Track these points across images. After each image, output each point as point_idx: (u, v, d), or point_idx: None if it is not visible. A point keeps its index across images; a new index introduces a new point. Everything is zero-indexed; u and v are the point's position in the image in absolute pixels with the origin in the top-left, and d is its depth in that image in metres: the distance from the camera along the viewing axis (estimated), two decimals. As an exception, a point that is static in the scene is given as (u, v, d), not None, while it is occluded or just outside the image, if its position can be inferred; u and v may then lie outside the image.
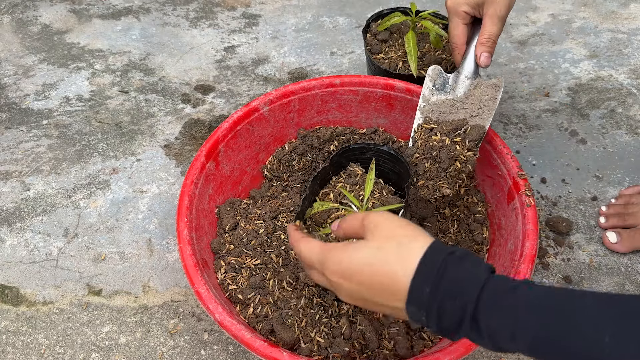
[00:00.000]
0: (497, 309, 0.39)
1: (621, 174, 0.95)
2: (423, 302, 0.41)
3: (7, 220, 0.90)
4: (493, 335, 0.39)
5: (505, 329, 0.38)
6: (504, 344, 0.39)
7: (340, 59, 1.20)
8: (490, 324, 0.38)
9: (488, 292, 0.39)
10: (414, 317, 0.42)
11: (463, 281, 0.40)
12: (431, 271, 0.41)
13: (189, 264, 0.63)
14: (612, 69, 1.15)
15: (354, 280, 0.44)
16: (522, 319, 0.37)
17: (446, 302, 0.40)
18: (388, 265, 0.42)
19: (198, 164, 0.73)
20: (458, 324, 0.40)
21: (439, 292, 0.40)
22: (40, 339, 0.76)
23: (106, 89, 1.14)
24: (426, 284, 0.40)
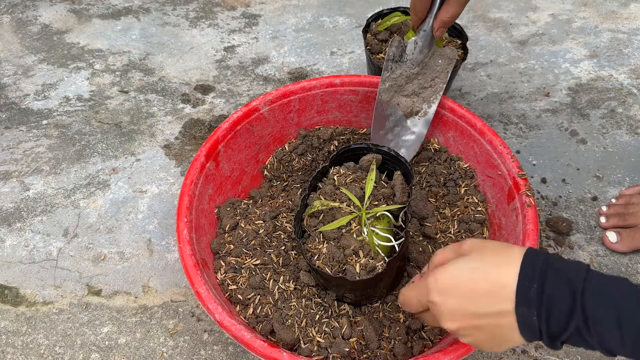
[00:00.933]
0: (603, 295, 0.40)
1: (621, 174, 0.95)
2: (532, 299, 0.41)
3: (6, 220, 0.90)
4: (598, 324, 0.39)
5: (612, 315, 0.39)
6: (609, 336, 0.39)
7: (340, 58, 1.20)
8: (597, 311, 0.39)
9: (592, 280, 0.41)
10: (524, 319, 0.42)
11: (568, 272, 0.41)
12: (535, 268, 0.42)
13: (188, 264, 0.63)
14: (613, 69, 1.15)
15: (455, 294, 0.45)
16: (628, 304, 0.39)
17: (555, 293, 0.40)
18: (490, 270, 0.43)
19: (198, 164, 0.73)
20: (569, 315, 0.40)
21: (547, 285, 0.41)
22: (39, 339, 0.76)
23: (106, 89, 1.14)
24: (533, 279, 0.41)
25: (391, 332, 0.65)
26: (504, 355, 0.73)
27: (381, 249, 0.62)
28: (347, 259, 0.62)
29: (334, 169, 0.71)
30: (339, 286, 0.63)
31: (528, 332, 0.43)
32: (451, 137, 0.82)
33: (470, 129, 0.78)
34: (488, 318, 0.44)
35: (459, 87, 1.12)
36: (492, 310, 0.43)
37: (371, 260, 0.61)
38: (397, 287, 0.70)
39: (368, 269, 0.60)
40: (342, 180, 0.69)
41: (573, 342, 0.42)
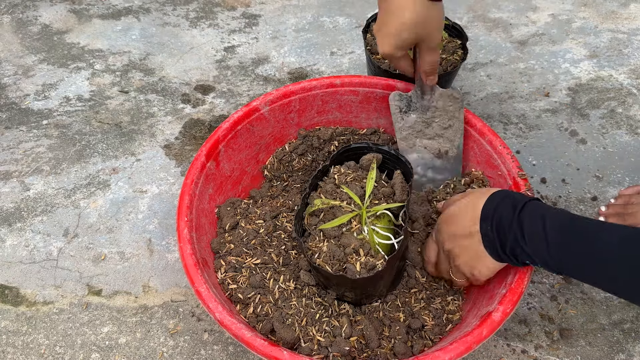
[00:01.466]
0: (536, 213, 0.54)
1: (621, 174, 0.95)
2: (488, 215, 0.57)
3: (7, 220, 0.90)
4: (529, 232, 0.53)
5: (539, 227, 0.52)
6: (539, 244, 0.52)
7: (340, 59, 1.20)
8: (526, 219, 0.53)
9: (532, 203, 0.56)
10: (484, 232, 0.57)
11: (515, 197, 0.57)
12: (496, 198, 0.58)
13: (189, 263, 0.63)
14: (612, 69, 1.15)
15: (451, 221, 0.62)
16: (552, 222, 0.52)
17: (502, 209, 0.56)
18: (473, 204, 0.60)
19: (198, 164, 0.73)
20: (509, 226, 0.54)
21: (499, 206, 0.57)
22: (40, 339, 0.76)
23: (106, 89, 1.14)
24: (492, 204, 0.58)
25: (391, 331, 0.65)
26: (503, 355, 0.73)
27: (381, 248, 0.62)
28: (347, 257, 0.62)
29: (334, 168, 0.71)
30: (339, 285, 0.63)
31: (489, 245, 0.57)
32: (451, 137, 0.82)
33: (471, 129, 0.78)
34: (468, 237, 0.59)
35: (459, 87, 1.12)
36: (470, 230, 0.59)
37: (371, 259, 0.61)
38: (397, 286, 0.70)
39: (368, 267, 0.60)
40: (342, 179, 0.69)
41: (516, 254, 0.55)
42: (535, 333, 0.75)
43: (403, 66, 0.74)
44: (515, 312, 0.78)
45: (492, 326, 0.56)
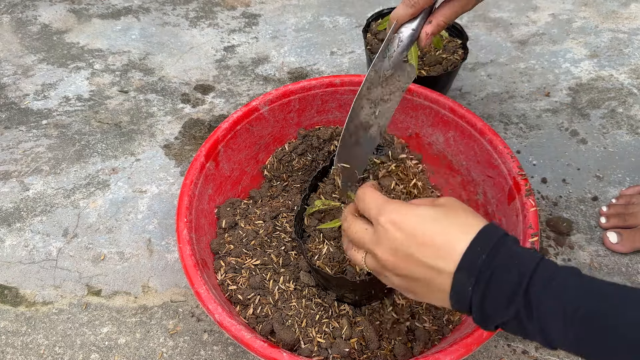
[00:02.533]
0: (551, 284, 0.39)
1: (622, 174, 0.95)
2: (475, 268, 0.40)
3: (6, 221, 0.90)
4: (543, 313, 0.38)
5: (557, 304, 0.38)
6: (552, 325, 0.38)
7: (340, 58, 1.20)
8: (542, 298, 0.38)
9: (542, 268, 0.39)
10: (459, 285, 0.41)
11: (520, 256, 0.40)
12: (490, 241, 0.41)
13: (188, 264, 0.63)
14: (613, 69, 1.15)
15: (406, 231, 0.44)
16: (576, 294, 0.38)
17: (501, 271, 0.40)
18: (449, 229, 0.43)
19: (198, 164, 0.73)
20: (510, 299, 0.39)
21: (495, 261, 0.40)
22: (39, 340, 0.76)
23: (106, 89, 1.14)
24: (484, 250, 0.40)
25: (391, 333, 0.65)
26: (504, 355, 0.73)
27: None
28: (347, 259, 0.62)
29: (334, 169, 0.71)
30: (339, 286, 0.63)
31: (456, 299, 0.42)
32: (451, 137, 0.82)
33: (471, 129, 0.78)
34: (425, 268, 0.43)
35: (459, 87, 1.12)
36: (433, 264, 0.42)
37: None
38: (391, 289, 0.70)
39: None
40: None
41: (509, 328, 0.41)
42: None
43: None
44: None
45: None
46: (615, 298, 0.37)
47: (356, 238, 0.49)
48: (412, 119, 0.86)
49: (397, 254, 0.44)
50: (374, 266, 0.48)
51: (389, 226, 0.45)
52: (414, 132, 0.87)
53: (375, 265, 0.48)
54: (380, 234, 0.46)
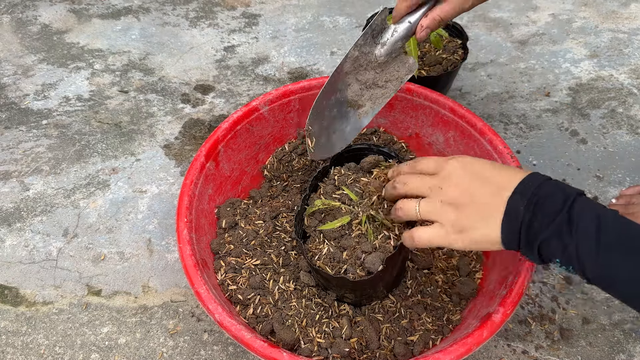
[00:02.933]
0: (590, 208, 0.45)
1: (622, 174, 0.95)
2: (528, 192, 0.47)
3: (6, 221, 0.90)
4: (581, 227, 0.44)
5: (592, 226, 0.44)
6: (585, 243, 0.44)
7: (340, 58, 1.20)
8: (582, 214, 0.45)
9: (584, 198, 0.47)
10: (513, 203, 0.47)
11: (565, 187, 0.48)
12: (539, 179, 0.49)
13: (188, 264, 0.63)
14: (613, 69, 1.15)
15: (474, 169, 0.51)
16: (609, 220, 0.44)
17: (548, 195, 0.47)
18: (510, 170, 0.51)
19: (198, 164, 0.73)
20: (555, 214, 0.45)
21: (542, 190, 0.47)
22: (39, 339, 0.76)
23: (106, 89, 1.14)
24: (534, 183, 0.48)
25: (391, 333, 0.65)
26: (504, 355, 0.73)
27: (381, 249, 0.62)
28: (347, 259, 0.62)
29: (334, 169, 0.71)
30: (339, 286, 0.63)
31: (510, 218, 0.47)
32: (451, 137, 0.82)
33: (471, 129, 0.78)
34: (493, 187, 0.49)
35: (459, 87, 1.12)
36: (500, 183, 0.49)
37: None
38: (398, 287, 0.70)
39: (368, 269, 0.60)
40: (342, 180, 0.69)
41: (550, 249, 0.46)
42: (535, 333, 0.75)
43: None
44: (516, 313, 0.77)
45: (492, 328, 0.56)
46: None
47: (417, 181, 0.55)
48: (412, 119, 0.86)
49: (464, 183, 0.51)
50: (431, 205, 0.53)
51: (458, 165, 0.52)
52: (414, 132, 0.87)
53: (432, 203, 0.53)
54: (449, 171, 0.52)
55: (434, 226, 0.52)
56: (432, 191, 0.53)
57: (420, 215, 0.54)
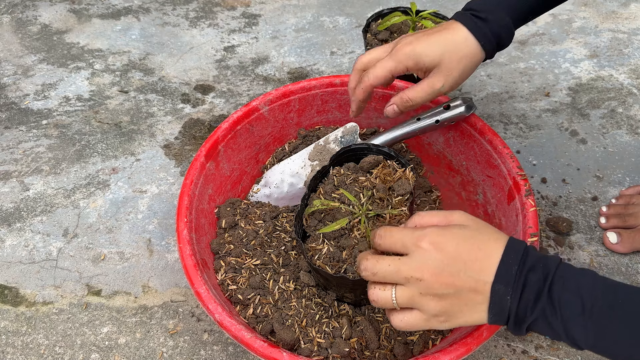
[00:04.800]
0: (570, 281, 0.44)
1: (622, 174, 0.95)
2: (511, 278, 0.45)
3: (6, 221, 0.90)
4: (565, 308, 0.43)
5: (576, 301, 0.43)
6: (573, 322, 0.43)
7: (340, 58, 1.20)
8: (563, 295, 0.43)
9: (562, 268, 0.45)
10: (497, 296, 0.45)
11: (543, 260, 0.46)
12: (518, 252, 0.46)
13: (188, 264, 0.63)
14: (613, 69, 1.15)
15: (449, 250, 0.46)
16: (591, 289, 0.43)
17: (530, 275, 0.44)
18: (484, 242, 0.47)
19: (198, 164, 0.73)
20: (537, 298, 0.44)
21: (524, 268, 0.45)
22: (39, 339, 0.76)
23: (106, 89, 1.14)
24: (514, 262, 0.45)
25: (391, 332, 0.65)
26: (504, 355, 0.73)
27: None
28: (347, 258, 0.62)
29: (334, 169, 0.71)
30: (340, 286, 0.63)
31: (497, 309, 0.45)
32: (451, 137, 0.82)
33: (471, 129, 0.78)
34: (469, 283, 0.45)
35: (458, 87, 1.12)
36: (476, 277, 0.45)
37: None
38: None
39: None
40: (342, 180, 0.69)
41: (539, 327, 0.45)
42: (535, 333, 0.75)
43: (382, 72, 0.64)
44: (516, 313, 0.77)
45: (492, 328, 0.56)
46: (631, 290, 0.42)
47: (389, 271, 0.48)
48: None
49: (442, 272, 0.46)
50: (409, 296, 0.48)
51: (431, 247, 0.46)
52: (414, 132, 0.87)
53: (410, 294, 0.48)
54: (423, 257, 0.47)
55: (414, 313, 0.48)
56: (409, 282, 0.47)
57: (399, 305, 0.49)
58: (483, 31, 0.62)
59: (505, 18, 0.63)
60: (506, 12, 0.63)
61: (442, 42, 0.62)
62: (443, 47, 0.62)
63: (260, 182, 0.83)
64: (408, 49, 0.62)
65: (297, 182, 0.80)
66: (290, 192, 0.80)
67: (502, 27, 0.63)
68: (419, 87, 0.63)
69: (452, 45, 0.62)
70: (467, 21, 0.63)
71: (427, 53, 0.62)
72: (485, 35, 0.62)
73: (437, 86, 0.62)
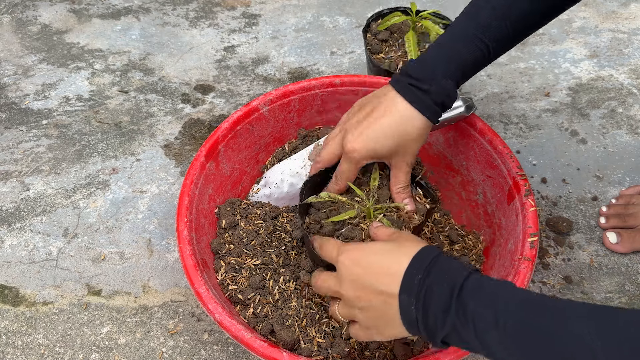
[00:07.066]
0: (482, 293, 0.42)
1: (621, 174, 0.95)
2: (413, 287, 0.44)
3: (6, 221, 0.90)
4: (476, 320, 0.40)
5: (489, 311, 0.40)
6: (488, 335, 0.40)
7: (340, 58, 1.20)
8: (475, 306, 0.41)
9: (473, 279, 0.43)
10: (404, 306, 0.45)
11: (451, 270, 0.44)
12: (424, 262, 0.45)
13: (188, 264, 0.63)
14: (613, 69, 1.15)
15: (363, 265, 0.48)
16: (506, 303, 0.40)
17: (434, 286, 0.43)
18: (397, 257, 0.47)
19: (198, 164, 0.73)
20: (445, 311, 0.42)
21: (428, 279, 0.44)
22: (39, 339, 0.76)
23: (106, 89, 1.14)
24: (418, 272, 0.45)
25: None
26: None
27: None
28: None
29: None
30: None
31: (407, 320, 0.45)
32: (451, 137, 0.82)
33: (470, 129, 0.78)
34: (382, 295, 0.46)
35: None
36: (386, 290, 0.46)
37: None
38: None
39: None
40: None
41: (453, 342, 0.43)
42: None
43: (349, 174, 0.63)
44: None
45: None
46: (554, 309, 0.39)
47: (324, 287, 0.54)
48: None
49: (357, 286, 0.48)
50: (345, 310, 0.51)
51: (349, 262, 0.50)
52: (414, 132, 0.87)
53: (345, 307, 0.51)
54: (342, 271, 0.50)
55: (356, 325, 0.52)
56: (341, 296, 0.51)
57: (343, 319, 0.53)
58: (426, 104, 0.59)
59: (447, 84, 0.60)
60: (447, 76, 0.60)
61: (390, 132, 0.60)
62: (393, 138, 0.60)
63: (260, 182, 0.83)
64: (362, 150, 0.61)
65: (297, 182, 0.80)
66: (290, 192, 0.80)
67: (445, 96, 0.60)
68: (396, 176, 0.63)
69: (402, 130, 0.60)
70: (410, 94, 0.59)
71: (381, 146, 0.61)
72: (429, 108, 0.59)
73: (405, 169, 0.63)
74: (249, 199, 0.82)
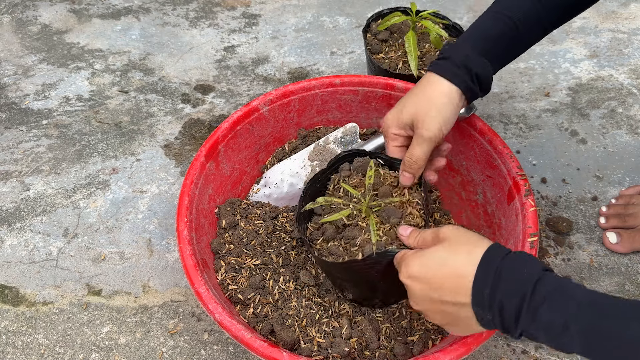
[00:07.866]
0: (550, 301, 0.42)
1: (621, 174, 0.95)
2: (485, 302, 0.46)
3: (6, 221, 0.90)
4: (547, 328, 0.42)
5: (559, 319, 0.42)
6: (558, 337, 0.42)
7: (340, 58, 1.20)
8: (544, 315, 0.42)
9: (545, 282, 0.44)
10: (479, 316, 0.47)
11: (518, 281, 0.44)
12: (490, 270, 0.46)
13: (188, 264, 0.63)
14: (613, 69, 1.15)
15: (422, 280, 0.50)
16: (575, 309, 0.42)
17: (505, 301, 0.44)
18: (456, 265, 0.48)
19: (198, 164, 0.73)
20: (516, 319, 0.44)
21: (498, 293, 0.45)
22: (40, 339, 0.76)
23: (106, 89, 1.14)
24: (485, 285, 0.45)
25: (391, 332, 0.65)
26: (504, 355, 0.73)
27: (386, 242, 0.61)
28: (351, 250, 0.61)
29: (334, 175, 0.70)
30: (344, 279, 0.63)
31: (484, 322, 0.47)
32: (451, 137, 0.82)
33: (470, 129, 0.78)
34: (450, 306, 0.48)
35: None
36: (454, 300, 0.48)
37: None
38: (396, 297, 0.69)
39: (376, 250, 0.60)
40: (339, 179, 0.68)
41: (531, 338, 0.45)
42: (535, 333, 0.75)
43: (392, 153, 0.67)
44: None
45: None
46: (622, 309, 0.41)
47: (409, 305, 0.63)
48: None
49: (425, 302, 0.51)
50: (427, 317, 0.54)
51: (409, 282, 0.51)
52: (414, 132, 0.87)
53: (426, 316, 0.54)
54: (409, 290, 0.52)
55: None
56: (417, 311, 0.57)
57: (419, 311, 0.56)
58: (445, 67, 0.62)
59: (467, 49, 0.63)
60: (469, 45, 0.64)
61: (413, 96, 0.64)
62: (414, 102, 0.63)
63: (260, 182, 0.83)
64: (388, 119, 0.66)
65: (297, 182, 0.80)
66: (290, 192, 0.80)
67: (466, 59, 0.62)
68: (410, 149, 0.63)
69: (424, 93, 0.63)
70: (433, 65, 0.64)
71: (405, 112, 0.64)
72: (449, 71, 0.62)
73: (425, 135, 0.61)
74: (249, 199, 0.82)
